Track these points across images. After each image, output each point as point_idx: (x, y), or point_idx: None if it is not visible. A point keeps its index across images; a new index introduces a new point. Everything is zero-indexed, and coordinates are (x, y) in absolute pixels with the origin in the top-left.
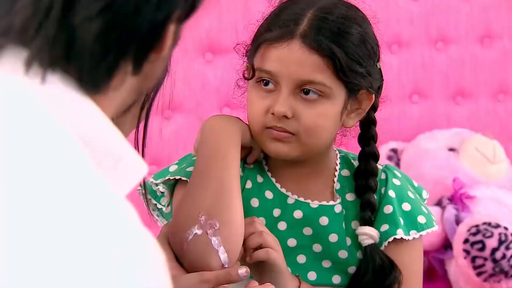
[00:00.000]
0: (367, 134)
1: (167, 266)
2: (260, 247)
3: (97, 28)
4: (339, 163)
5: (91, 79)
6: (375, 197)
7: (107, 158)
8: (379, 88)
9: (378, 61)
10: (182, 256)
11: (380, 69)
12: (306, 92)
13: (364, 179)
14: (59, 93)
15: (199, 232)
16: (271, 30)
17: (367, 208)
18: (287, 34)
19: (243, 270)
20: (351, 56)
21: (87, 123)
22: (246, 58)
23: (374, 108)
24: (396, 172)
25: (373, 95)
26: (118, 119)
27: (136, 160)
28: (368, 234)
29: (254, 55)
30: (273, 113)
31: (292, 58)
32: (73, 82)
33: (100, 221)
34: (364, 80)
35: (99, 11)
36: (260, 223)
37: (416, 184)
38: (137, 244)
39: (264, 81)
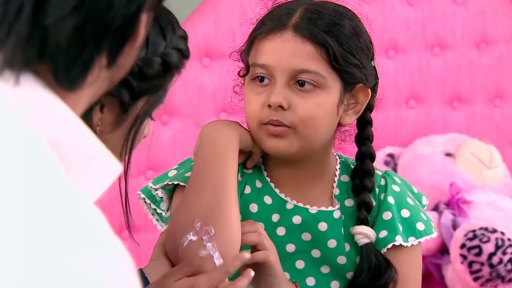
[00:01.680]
0: (363, 134)
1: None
2: (255, 248)
3: (70, 27)
4: (339, 168)
5: (67, 77)
6: (371, 197)
7: (79, 158)
8: (375, 86)
9: (372, 59)
10: (178, 262)
11: (375, 67)
12: (301, 84)
13: (360, 179)
14: (29, 95)
15: (194, 238)
16: (264, 25)
17: (363, 208)
18: (280, 26)
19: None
20: (344, 46)
21: (58, 123)
22: (241, 58)
23: (370, 108)
24: (396, 178)
25: (369, 90)
26: (105, 136)
27: (109, 159)
28: (363, 233)
29: (248, 52)
30: (269, 105)
31: (286, 49)
32: (45, 82)
33: (64, 231)
34: (358, 71)
35: (72, 10)
36: (262, 226)
37: (416, 190)
38: (104, 252)
39: (259, 77)
